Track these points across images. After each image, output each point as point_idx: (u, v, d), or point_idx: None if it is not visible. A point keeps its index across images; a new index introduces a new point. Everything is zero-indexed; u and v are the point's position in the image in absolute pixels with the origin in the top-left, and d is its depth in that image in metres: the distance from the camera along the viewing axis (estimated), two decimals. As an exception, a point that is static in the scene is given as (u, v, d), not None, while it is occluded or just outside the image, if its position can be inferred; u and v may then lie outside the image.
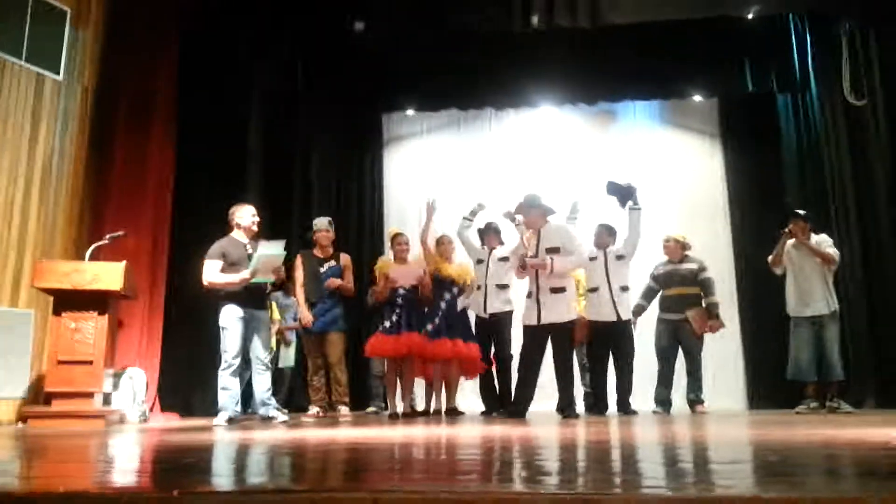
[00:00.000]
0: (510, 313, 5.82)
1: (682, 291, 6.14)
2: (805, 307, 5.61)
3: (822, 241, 5.72)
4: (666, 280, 6.25)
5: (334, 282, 5.43)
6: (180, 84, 6.37)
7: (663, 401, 6.12)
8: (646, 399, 6.52)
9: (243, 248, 4.91)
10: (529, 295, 5.24)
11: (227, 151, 6.65)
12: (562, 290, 5.03)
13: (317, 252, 5.51)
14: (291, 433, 3.46)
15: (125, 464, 2.01)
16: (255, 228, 5.06)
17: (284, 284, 5.33)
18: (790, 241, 5.80)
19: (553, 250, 5.11)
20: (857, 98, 7.17)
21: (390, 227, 8.08)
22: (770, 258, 5.93)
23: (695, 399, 6.05)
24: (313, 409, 5.20)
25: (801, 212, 5.89)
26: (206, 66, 6.62)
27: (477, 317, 5.87)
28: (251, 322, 4.89)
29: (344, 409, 5.33)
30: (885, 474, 1.49)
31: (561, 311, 5.03)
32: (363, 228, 8.94)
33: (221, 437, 3.07)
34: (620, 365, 5.83)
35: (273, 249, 4.83)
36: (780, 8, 7.14)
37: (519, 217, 5.49)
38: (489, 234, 6.17)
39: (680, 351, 6.21)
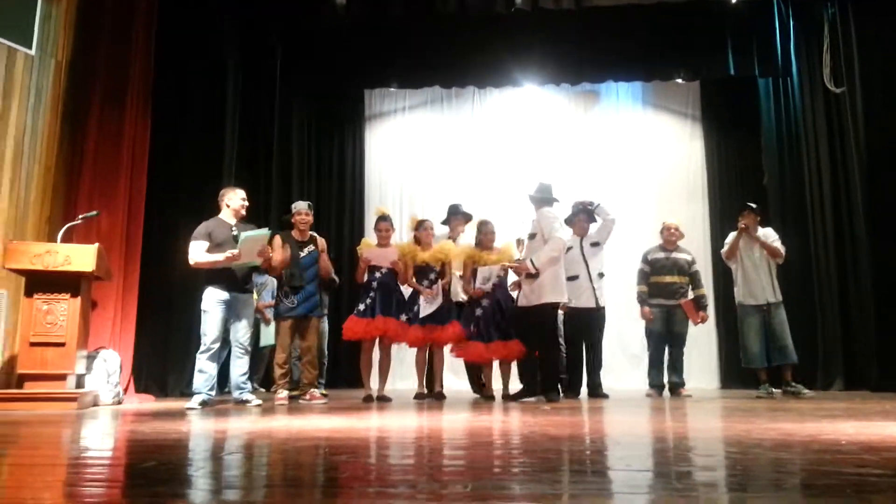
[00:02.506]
0: None
1: (676, 279, 6.28)
2: (753, 296, 5.80)
3: (769, 235, 5.90)
4: (661, 267, 6.32)
5: (327, 270, 5.55)
6: (156, 59, 6.25)
7: (657, 384, 6.28)
8: (620, 380, 6.63)
9: (229, 230, 4.99)
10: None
11: (204, 128, 6.58)
12: (535, 275, 5.12)
13: (295, 235, 5.50)
14: (264, 422, 3.49)
15: (80, 469, 2.03)
16: (243, 212, 5.16)
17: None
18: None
19: (531, 236, 5.36)
20: (837, 85, 7.21)
21: (376, 206, 8.11)
22: (725, 251, 6.09)
23: (677, 382, 6.20)
24: (283, 393, 5.20)
25: (753, 205, 6.03)
26: (183, 41, 6.51)
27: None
28: (234, 305, 4.96)
29: (316, 392, 5.37)
30: (822, 489, 1.54)
31: (532, 295, 5.14)
32: (343, 204, 8.95)
33: (190, 429, 3.08)
34: (593, 350, 5.90)
35: (257, 232, 4.98)
36: (764, -7, 7.12)
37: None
38: (455, 217, 6.08)
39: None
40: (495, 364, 5.67)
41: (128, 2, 6.09)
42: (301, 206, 5.55)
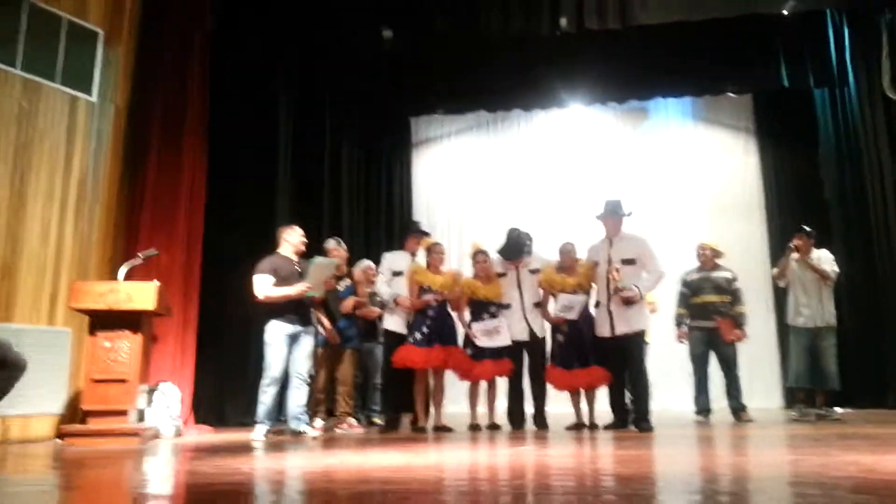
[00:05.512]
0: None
1: (714, 299, 6.09)
2: (803, 318, 5.88)
3: (822, 257, 5.94)
4: (699, 287, 6.15)
5: (348, 305, 5.78)
6: (211, 97, 6.45)
7: (704, 408, 6.03)
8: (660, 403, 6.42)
9: (292, 265, 5.08)
10: (598, 305, 5.24)
11: (258, 164, 6.73)
12: (634, 302, 5.00)
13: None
14: (325, 459, 3.49)
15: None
16: (302, 248, 5.24)
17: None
18: (794, 255, 5.98)
19: (628, 262, 5.11)
20: (896, 92, 6.94)
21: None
22: (775, 271, 6.22)
23: (737, 406, 5.92)
24: (319, 423, 5.40)
25: (807, 228, 6.02)
26: (236, 77, 6.69)
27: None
28: (297, 338, 5.02)
29: (353, 421, 5.69)
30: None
31: (632, 320, 5.02)
32: (392, 232, 8.97)
33: (252, 470, 3.10)
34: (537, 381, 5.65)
35: (327, 260, 5.27)
36: (817, 4, 6.93)
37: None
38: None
39: (714, 358, 6.12)
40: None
41: (184, 46, 6.31)
42: (333, 244, 5.98)
